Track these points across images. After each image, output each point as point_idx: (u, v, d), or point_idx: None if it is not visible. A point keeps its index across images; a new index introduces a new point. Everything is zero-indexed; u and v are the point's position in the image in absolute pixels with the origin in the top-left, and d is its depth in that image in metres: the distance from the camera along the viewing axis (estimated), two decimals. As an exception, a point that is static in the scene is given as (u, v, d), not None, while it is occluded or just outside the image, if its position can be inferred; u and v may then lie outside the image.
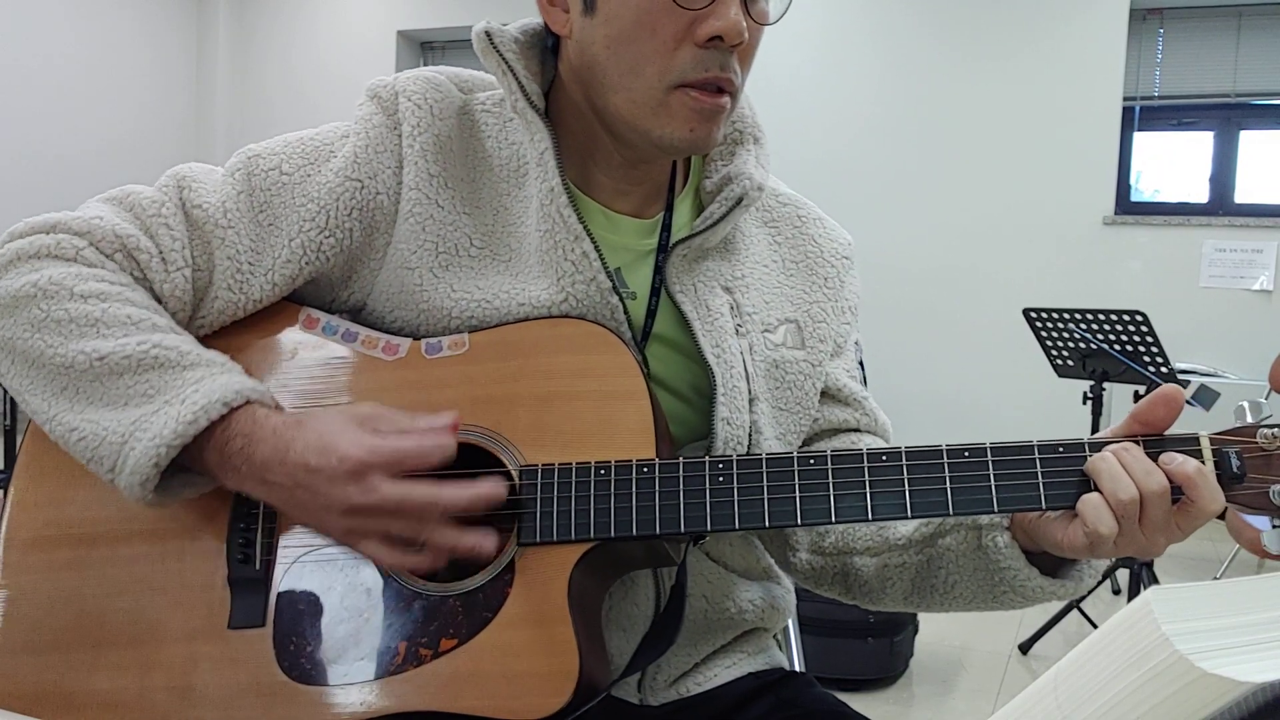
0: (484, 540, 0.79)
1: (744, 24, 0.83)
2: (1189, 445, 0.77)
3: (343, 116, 0.96)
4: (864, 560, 0.95)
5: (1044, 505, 0.78)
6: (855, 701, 1.07)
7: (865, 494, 0.79)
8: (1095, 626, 0.84)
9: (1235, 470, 0.75)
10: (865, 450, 0.81)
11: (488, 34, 0.91)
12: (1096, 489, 0.75)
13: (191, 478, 0.81)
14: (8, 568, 0.85)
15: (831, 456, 0.81)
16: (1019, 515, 0.84)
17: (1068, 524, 0.78)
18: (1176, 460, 0.75)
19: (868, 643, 2.71)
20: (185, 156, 6.39)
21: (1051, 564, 0.86)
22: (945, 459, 0.79)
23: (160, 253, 0.87)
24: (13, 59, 5.57)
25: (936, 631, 3.05)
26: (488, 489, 0.78)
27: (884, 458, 0.80)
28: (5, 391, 3.90)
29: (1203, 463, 0.75)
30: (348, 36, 6.39)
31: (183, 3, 6.55)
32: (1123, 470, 0.75)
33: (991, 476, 0.78)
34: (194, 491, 0.82)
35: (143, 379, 0.80)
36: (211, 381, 0.80)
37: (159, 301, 0.87)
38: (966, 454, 0.79)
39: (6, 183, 5.55)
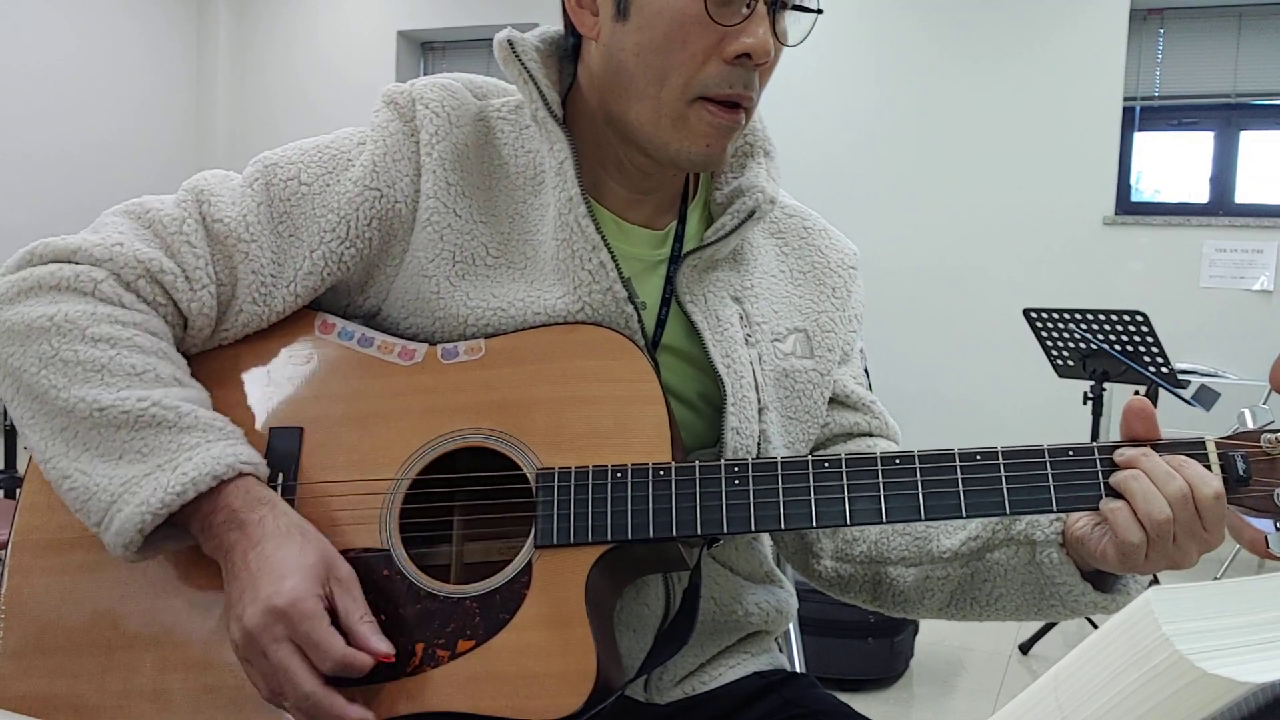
0: None
1: (771, 43, 0.85)
2: (1195, 449, 0.78)
3: (344, 117, 0.97)
4: (900, 570, 0.96)
5: (1055, 508, 0.79)
6: (855, 701, 1.07)
7: (879, 496, 0.80)
8: (1095, 627, 0.85)
9: (1241, 473, 0.77)
10: (879, 454, 0.82)
11: (510, 43, 0.92)
12: (1128, 505, 0.76)
13: (173, 532, 0.81)
14: (21, 570, 0.86)
15: (846, 460, 0.82)
16: (1069, 531, 0.85)
17: (1101, 538, 0.80)
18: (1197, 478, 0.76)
19: (868, 643, 2.71)
20: (185, 157, 6.43)
21: (1099, 578, 0.87)
22: (958, 462, 0.80)
23: (184, 272, 0.87)
24: (13, 59, 5.56)
25: (936, 632, 3.05)
26: (356, 714, 0.76)
27: (897, 461, 0.81)
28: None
29: (1208, 466, 0.77)
30: (348, 37, 6.38)
31: (183, 3, 6.54)
32: (1155, 489, 0.76)
33: (1003, 480, 0.79)
34: (174, 546, 0.83)
35: (138, 436, 0.80)
36: (205, 451, 0.80)
37: (184, 321, 0.88)
38: (978, 457, 0.80)
39: (6, 183, 5.54)
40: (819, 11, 0.89)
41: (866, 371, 1.09)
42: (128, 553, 0.79)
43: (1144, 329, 2.92)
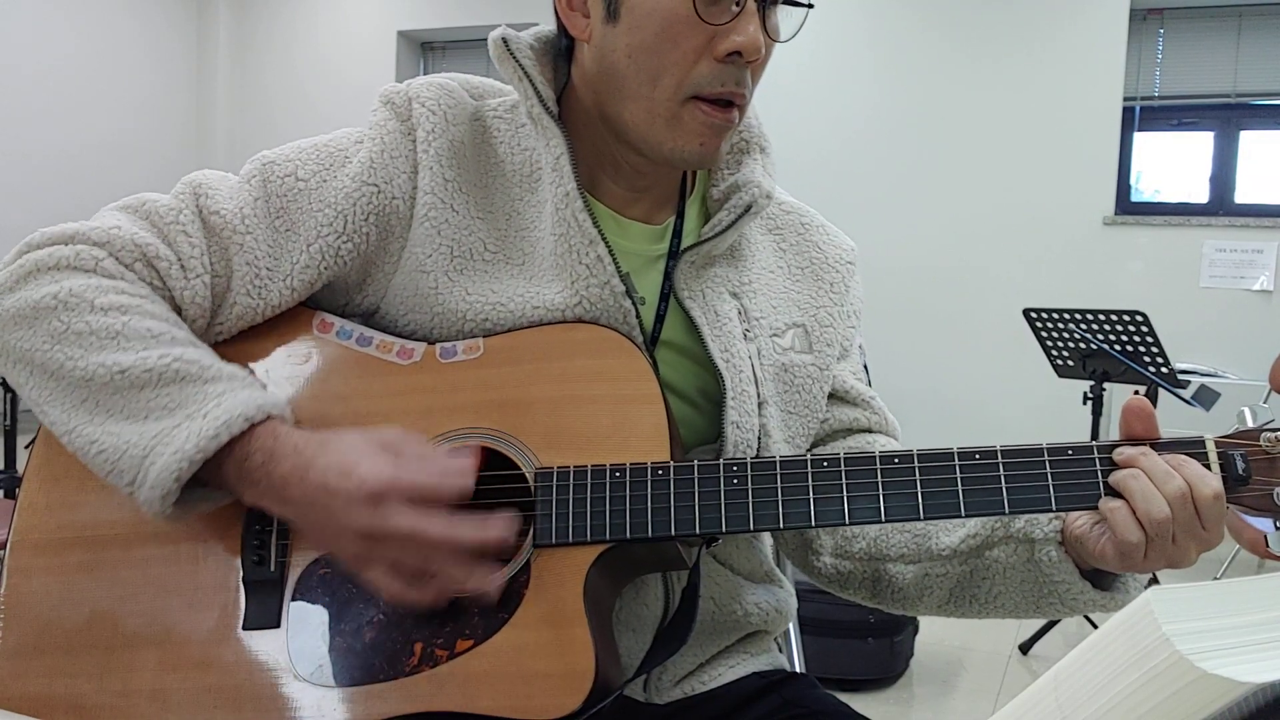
0: (489, 582, 0.79)
1: (762, 40, 0.85)
2: (1194, 448, 0.78)
3: (343, 117, 0.97)
4: (900, 568, 0.96)
5: (1054, 507, 0.79)
6: (855, 701, 1.07)
7: (878, 495, 0.80)
8: (1095, 627, 0.85)
9: (1240, 473, 0.77)
10: (878, 453, 0.82)
11: (504, 40, 0.92)
12: (1127, 504, 0.76)
13: (208, 492, 0.81)
14: (20, 570, 0.85)
15: (845, 459, 0.82)
16: (1068, 529, 0.85)
17: (1100, 536, 0.80)
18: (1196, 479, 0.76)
19: (868, 643, 2.71)
20: (185, 156, 6.43)
21: (1098, 575, 0.87)
22: (957, 461, 0.80)
23: (179, 260, 0.87)
24: (13, 59, 5.56)
25: (936, 631, 3.05)
26: (499, 530, 0.78)
27: (896, 460, 0.81)
28: (5, 392, 3.90)
29: (1208, 466, 0.77)
30: (348, 37, 6.39)
31: (183, 3, 6.55)
32: (1155, 489, 0.75)
33: (1002, 479, 0.79)
34: (210, 505, 0.82)
35: (163, 393, 0.80)
36: (233, 396, 0.80)
37: (178, 309, 0.88)
38: (977, 456, 0.80)
39: (6, 183, 5.55)
40: (810, 6, 0.89)
41: (866, 367, 1.09)
42: (165, 506, 0.78)
43: (1144, 329, 2.92)
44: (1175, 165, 5.04)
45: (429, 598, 0.79)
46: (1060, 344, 3.14)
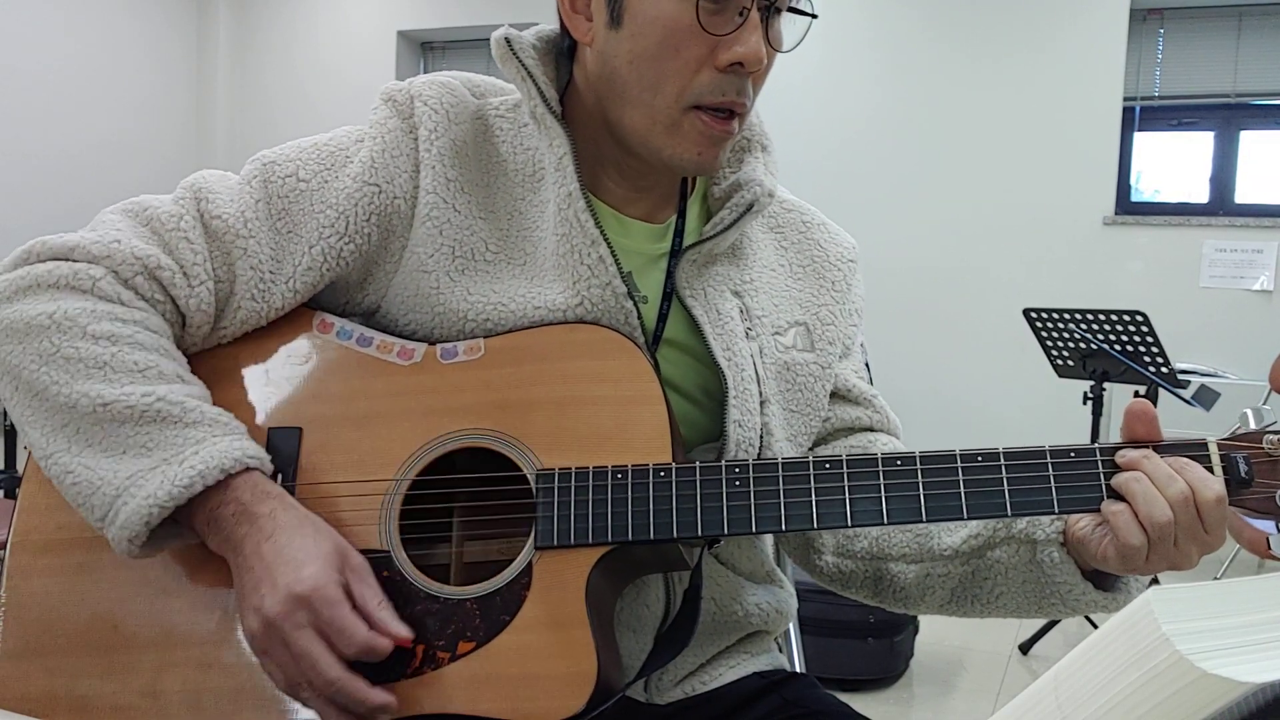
0: None
1: (764, 51, 0.85)
2: (1197, 450, 0.78)
3: (343, 116, 0.97)
4: (902, 567, 0.96)
5: (1056, 510, 0.79)
6: (855, 701, 1.07)
7: (880, 497, 0.80)
8: (1095, 627, 0.85)
9: (1243, 475, 0.77)
10: (880, 455, 0.82)
11: (507, 40, 0.92)
12: (1130, 507, 0.76)
13: (178, 529, 0.81)
14: (19, 571, 0.85)
15: (847, 460, 0.82)
16: (1070, 531, 0.85)
17: (1102, 538, 0.80)
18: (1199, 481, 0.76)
19: (868, 643, 2.71)
20: (185, 156, 6.43)
21: (1099, 576, 0.87)
22: (959, 463, 0.80)
23: (182, 269, 0.87)
24: (13, 59, 5.56)
25: (936, 631, 3.05)
26: (379, 698, 0.76)
27: (898, 462, 0.81)
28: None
29: (1210, 469, 0.77)
30: (348, 37, 6.38)
31: (183, 3, 6.54)
32: (1157, 492, 0.75)
33: (1005, 481, 0.79)
34: (178, 544, 0.83)
35: (143, 431, 0.80)
36: (212, 445, 0.80)
37: (183, 317, 0.88)
38: (979, 458, 0.80)
39: (6, 183, 5.54)
40: (814, 16, 0.89)
41: (867, 366, 1.09)
42: (131, 547, 0.79)
43: (1144, 329, 2.92)
44: (1175, 165, 5.04)
45: (300, 701, 0.78)
46: (1060, 344, 3.14)
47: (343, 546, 0.80)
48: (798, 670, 1.13)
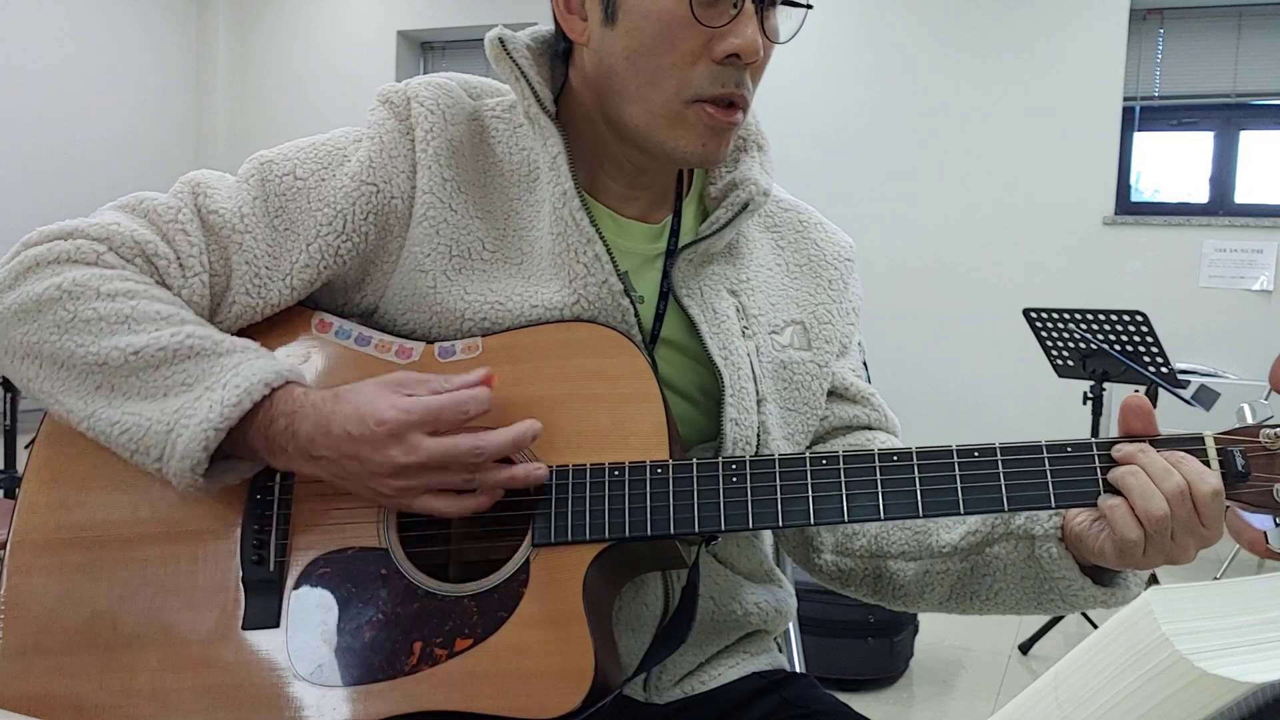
0: (533, 470, 0.81)
1: (760, 42, 0.85)
2: (1194, 445, 0.78)
3: (343, 117, 0.97)
4: (900, 564, 0.96)
5: (1053, 504, 0.79)
6: (855, 701, 1.07)
7: (877, 493, 0.80)
8: (1095, 626, 0.85)
9: (1240, 469, 0.77)
10: (877, 450, 0.82)
11: (501, 40, 0.92)
12: (1126, 501, 0.77)
13: (234, 463, 0.82)
14: (19, 570, 0.85)
15: (844, 456, 0.82)
16: (1068, 526, 0.85)
17: (1099, 533, 0.80)
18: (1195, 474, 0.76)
19: (868, 643, 2.71)
20: (185, 156, 6.43)
21: (1098, 572, 0.87)
22: (955, 459, 0.80)
23: (178, 258, 0.87)
24: (13, 59, 5.57)
25: (936, 631, 3.05)
26: (524, 427, 0.80)
27: (895, 458, 0.81)
28: (5, 392, 3.89)
29: (1207, 463, 0.77)
30: (348, 37, 6.39)
31: (183, 3, 6.55)
32: (1153, 486, 0.75)
33: (1001, 476, 0.79)
34: (238, 476, 0.83)
35: (180, 369, 0.81)
36: (250, 365, 0.81)
37: None
38: (976, 454, 0.80)
39: (6, 183, 5.55)
40: (809, 6, 0.89)
41: (865, 365, 1.09)
42: (195, 477, 0.79)
43: (1144, 329, 2.92)
44: (1175, 165, 5.04)
45: (483, 503, 0.81)
46: (1060, 344, 3.14)
47: (380, 379, 0.82)
48: (797, 670, 1.13)
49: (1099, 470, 0.79)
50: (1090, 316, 3.01)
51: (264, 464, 0.83)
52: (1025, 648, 3.04)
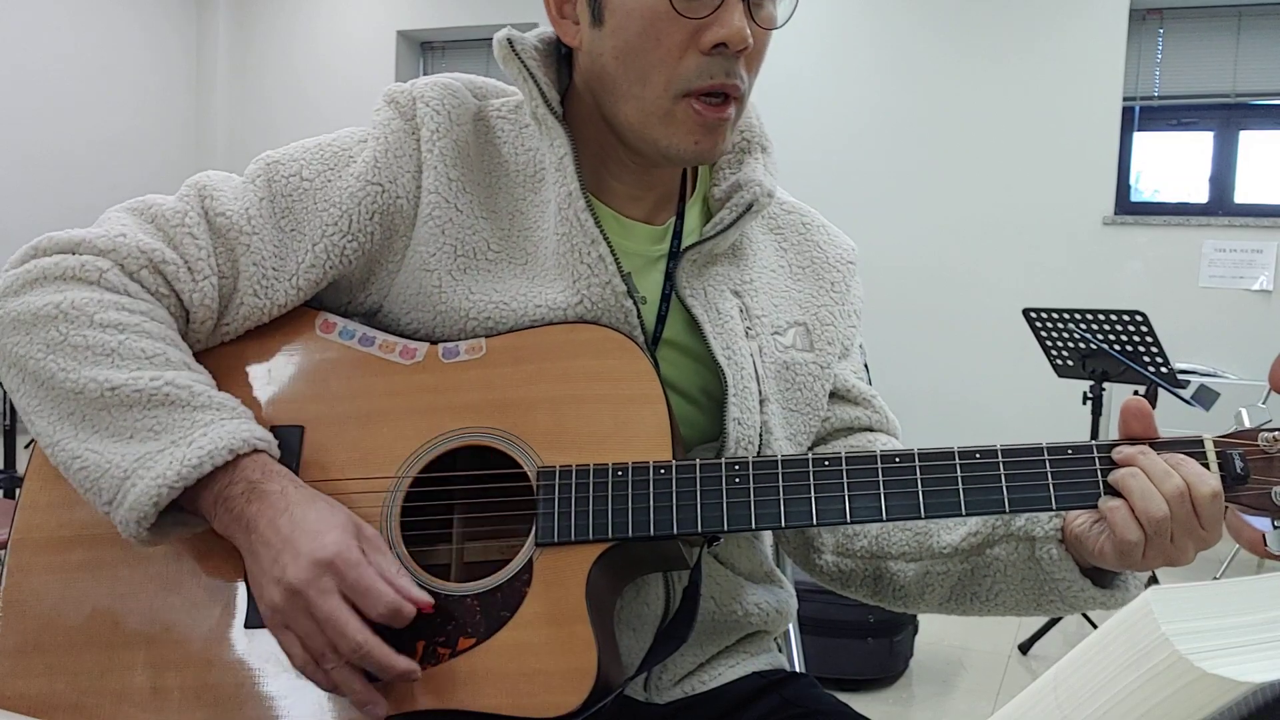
0: (377, 703, 0.77)
1: (748, 30, 0.84)
2: (1193, 447, 0.78)
3: (343, 116, 0.97)
4: (901, 565, 0.96)
5: (1054, 506, 0.79)
6: (855, 701, 1.08)
7: (879, 494, 0.81)
8: (1095, 627, 0.85)
9: (1239, 471, 0.77)
10: (879, 452, 0.82)
11: (509, 41, 0.93)
12: (1126, 503, 0.77)
13: (184, 517, 0.81)
14: (20, 568, 0.86)
15: (846, 458, 0.82)
16: (1068, 528, 0.85)
17: (1099, 535, 0.80)
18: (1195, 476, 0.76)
19: (868, 643, 2.71)
20: (185, 156, 6.43)
21: (1098, 573, 0.87)
22: (957, 460, 0.80)
23: (186, 263, 0.87)
24: (13, 59, 5.56)
25: (936, 631, 3.05)
26: (407, 666, 0.77)
27: (897, 459, 0.81)
28: (4, 392, 3.90)
29: (1206, 465, 0.77)
30: (348, 37, 6.39)
31: (183, 3, 6.54)
32: (1153, 487, 0.76)
33: (1003, 478, 0.79)
34: (185, 532, 0.83)
35: (150, 415, 0.80)
36: (220, 427, 0.80)
37: (186, 312, 0.88)
38: (977, 456, 0.80)
39: (6, 183, 5.55)
40: None
41: (866, 366, 1.09)
42: (140, 530, 0.79)
43: (1143, 329, 2.92)
44: (1175, 165, 5.04)
45: (321, 682, 0.78)
46: (1060, 344, 3.14)
47: (355, 519, 0.81)
48: (797, 670, 1.13)
49: (1099, 472, 0.79)
50: (1090, 316, 3.01)
51: (208, 523, 0.82)
52: (1025, 648, 3.04)
